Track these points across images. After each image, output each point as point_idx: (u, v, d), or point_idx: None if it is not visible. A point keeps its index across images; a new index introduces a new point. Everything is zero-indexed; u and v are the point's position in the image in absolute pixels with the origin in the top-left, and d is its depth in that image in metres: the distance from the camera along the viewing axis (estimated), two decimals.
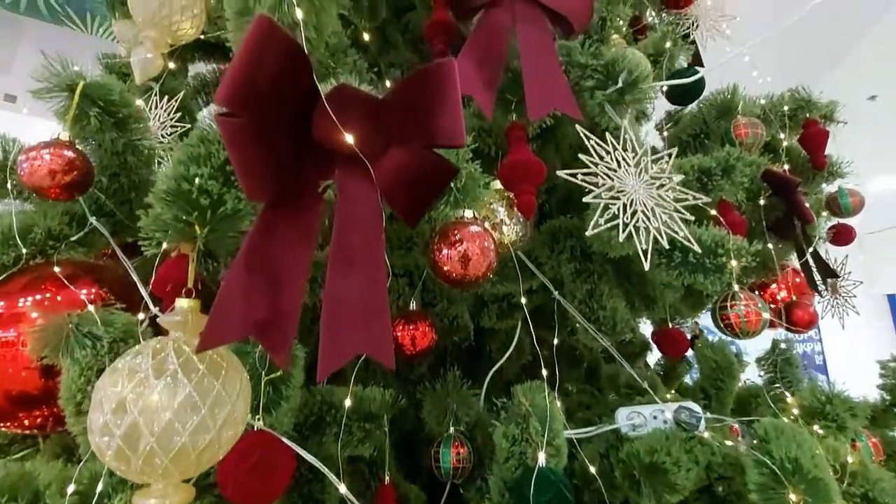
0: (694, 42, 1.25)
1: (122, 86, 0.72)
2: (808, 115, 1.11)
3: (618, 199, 0.66)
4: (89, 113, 0.68)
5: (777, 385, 1.23)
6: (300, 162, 0.41)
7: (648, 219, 0.66)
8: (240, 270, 0.39)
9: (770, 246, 1.16)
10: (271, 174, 0.39)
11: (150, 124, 0.93)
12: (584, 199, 0.64)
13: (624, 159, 0.68)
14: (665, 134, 1.11)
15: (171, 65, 0.99)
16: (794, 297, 1.20)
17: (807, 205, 0.98)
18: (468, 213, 0.56)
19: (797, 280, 1.21)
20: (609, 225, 0.64)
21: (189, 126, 0.99)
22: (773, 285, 1.23)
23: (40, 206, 0.76)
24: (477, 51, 0.62)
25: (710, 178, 0.87)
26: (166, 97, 1.01)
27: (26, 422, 0.68)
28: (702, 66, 1.35)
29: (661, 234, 0.65)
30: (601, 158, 0.67)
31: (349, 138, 0.39)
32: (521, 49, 0.62)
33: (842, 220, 1.32)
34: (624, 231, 0.64)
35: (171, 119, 0.99)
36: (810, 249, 0.98)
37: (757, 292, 1.27)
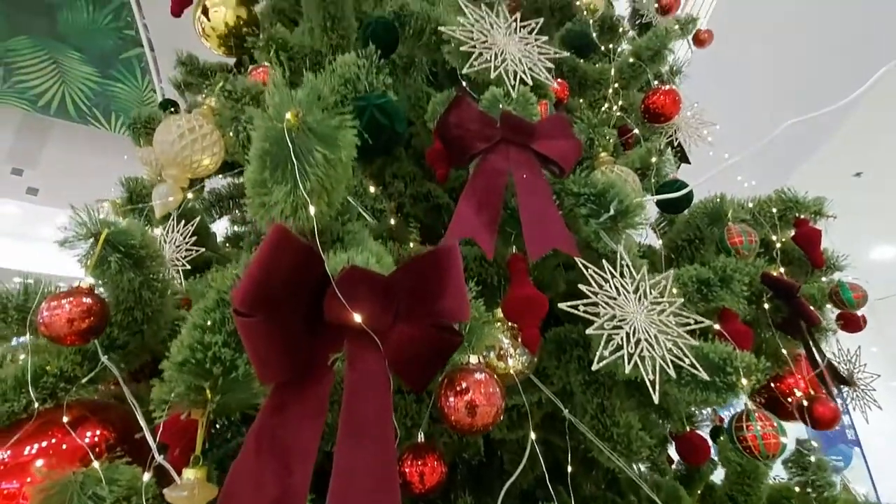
0: (680, 146, 1.33)
1: (143, 228, 0.76)
2: (797, 214, 1.15)
3: (620, 328, 0.67)
4: (110, 258, 0.72)
5: (809, 491, 1.16)
6: (311, 339, 0.43)
7: (653, 346, 0.66)
8: (249, 455, 0.40)
9: (782, 343, 1.15)
10: (284, 359, 0.40)
11: (165, 254, 0.98)
12: (588, 332, 0.65)
13: (623, 286, 0.70)
14: (661, 241, 1.15)
15: (189, 195, 1.06)
16: (812, 392, 1.17)
17: (811, 308, 0.98)
18: (473, 359, 0.57)
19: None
20: (614, 357, 0.64)
21: (203, 249, 1.03)
22: (790, 378, 1.20)
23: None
24: (477, 194, 0.66)
25: (710, 288, 0.89)
26: (183, 221, 1.07)
27: None
28: (688, 163, 1.43)
29: (666, 363, 0.65)
30: (600, 287, 0.69)
31: (358, 318, 0.41)
32: (517, 192, 0.66)
33: None
34: (629, 362, 0.64)
35: (187, 242, 1.04)
36: (824, 360, 0.97)
37: (773, 384, 1.24)
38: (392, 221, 0.92)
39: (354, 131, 0.46)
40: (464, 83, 0.85)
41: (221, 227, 1.77)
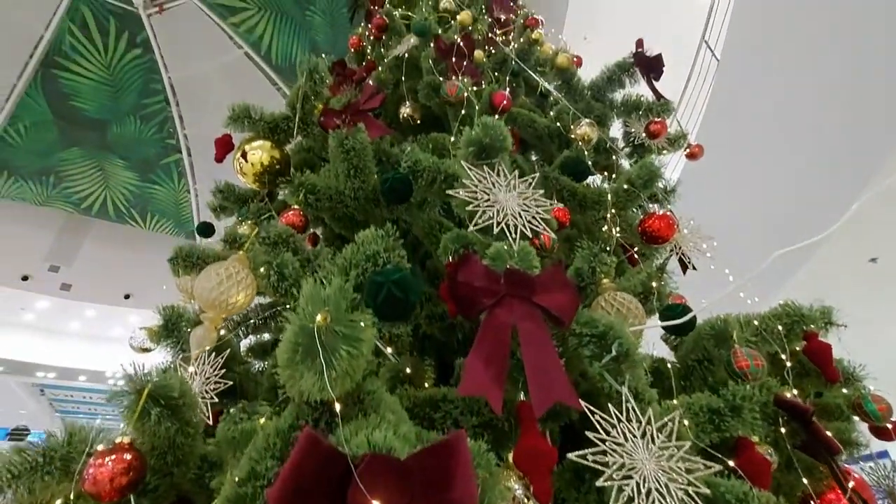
0: (681, 259, 1.40)
1: (182, 381, 0.83)
2: (804, 328, 1.17)
3: (630, 477, 0.68)
4: (151, 411, 0.79)
5: None
6: None
7: (664, 496, 0.67)
8: None
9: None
10: None
11: (195, 386, 1.04)
12: (598, 483, 0.67)
13: (630, 430, 0.73)
14: (674, 356, 1.17)
15: (222, 332, 1.14)
16: None
17: (828, 434, 0.98)
18: None
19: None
20: None
21: (231, 383, 1.09)
22: (830, 494, 1.15)
23: None
24: (485, 349, 0.72)
25: (721, 418, 0.90)
26: (213, 353, 1.14)
27: None
28: (695, 269, 1.49)
29: None
30: (607, 433, 0.72)
31: None
32: (522, 345, 0.72)
33: None
34: None
35: (216, 375, 1.10)
36: (849, 487, 0.94)
37: (813, 501, 1.18)
38: (409, 370, 0.98)
39: (374, 330, 0.54)
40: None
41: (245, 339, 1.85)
